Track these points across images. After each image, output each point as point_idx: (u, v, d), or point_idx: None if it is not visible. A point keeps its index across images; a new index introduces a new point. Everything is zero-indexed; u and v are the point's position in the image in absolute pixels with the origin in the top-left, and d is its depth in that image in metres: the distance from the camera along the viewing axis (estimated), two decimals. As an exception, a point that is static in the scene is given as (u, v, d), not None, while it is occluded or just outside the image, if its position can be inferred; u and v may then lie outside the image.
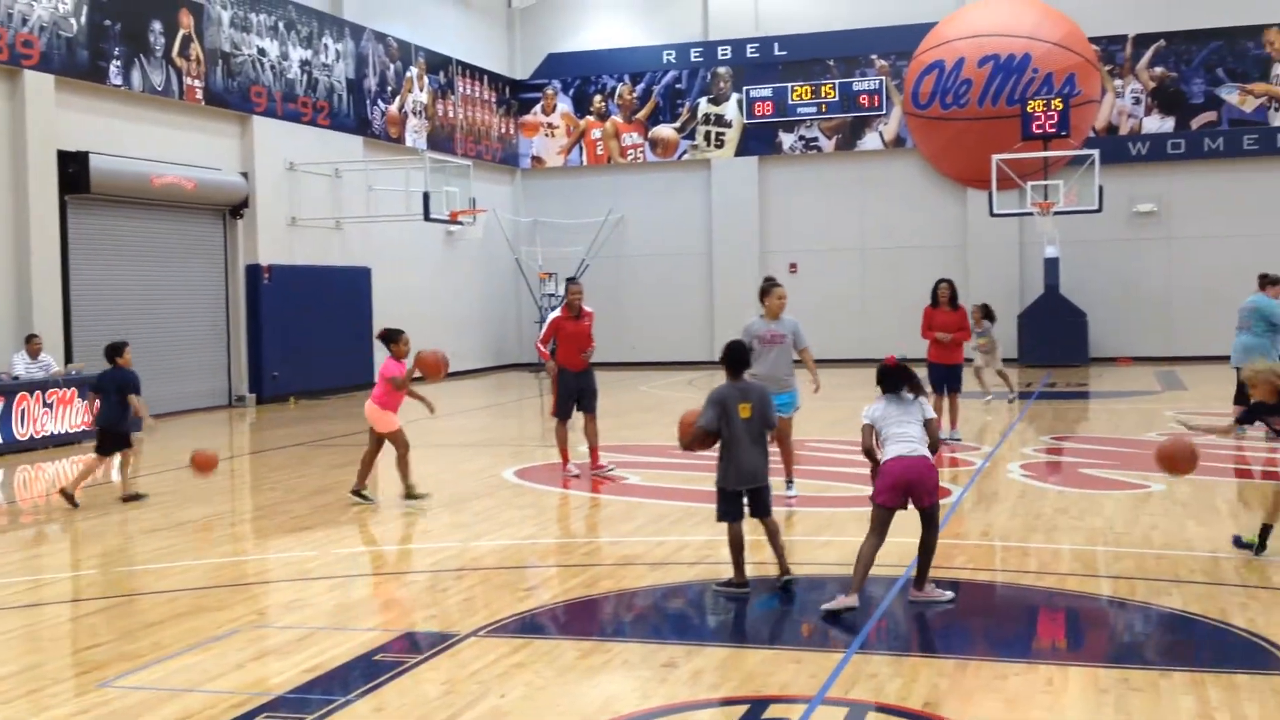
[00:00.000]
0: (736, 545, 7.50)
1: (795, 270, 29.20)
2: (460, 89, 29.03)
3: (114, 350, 11.85)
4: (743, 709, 5.46)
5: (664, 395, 20.36)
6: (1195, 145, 27.47)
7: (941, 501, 10.40)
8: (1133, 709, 5.29)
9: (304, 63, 23.48)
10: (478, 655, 6.32)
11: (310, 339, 23.01)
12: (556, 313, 12.77)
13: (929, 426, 7.24)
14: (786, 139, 29.93)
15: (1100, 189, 24.88)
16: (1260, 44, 27.04)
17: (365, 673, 6.09)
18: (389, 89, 26.22)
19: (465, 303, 29.07)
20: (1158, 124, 27.76)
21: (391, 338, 11.28)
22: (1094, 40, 27.26)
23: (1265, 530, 8.03)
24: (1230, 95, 27.31)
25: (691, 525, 9.60)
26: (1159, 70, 27.71)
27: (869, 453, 7.29)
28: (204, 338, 21.69)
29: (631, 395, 21.31)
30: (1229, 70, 27.32)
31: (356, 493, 11.17)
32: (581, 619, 7.28)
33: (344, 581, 8.28)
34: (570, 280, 13.58)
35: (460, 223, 25.20)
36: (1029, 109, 25.09)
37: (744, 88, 29.93)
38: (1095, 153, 25.18)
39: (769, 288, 10.64)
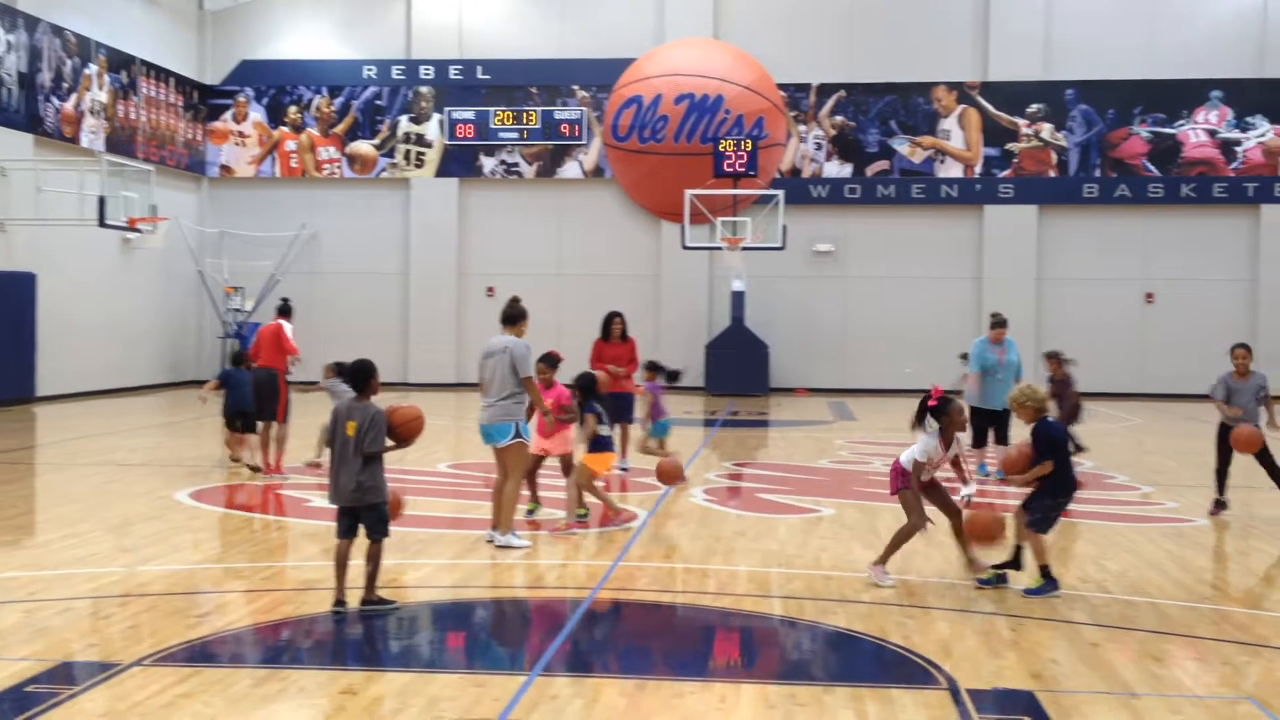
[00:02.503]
0: (336, 561, 7.60)
1: (492, 294, 29.23)
2: (144, 90, 27.60)
3: (238, 359, 14.66)
4: (422, 735, 5.38)
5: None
6: (870, 191, 29.29)
7: (629, 525, 10.66)
8: (799, 723, 5.53)
9: (-32, 50, 21.75)
10: (141, 685, 5.97)
11: (-35, 347, 21.22)
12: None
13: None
14: (488, 162, 30.00)
15: (784, 228, 26.13)
16: (929, 100, 29.14)
17: (15, 705, 5.65)
18: (65, 85, 24.63)
19: (141, 314, 27.55)
20: (837, 169, 29.44)
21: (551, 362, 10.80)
22: (781, 87, 28.67)
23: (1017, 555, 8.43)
24: (902, 146, 29.28)
25: (377, 548, 9.39)
26: (839, 119, 29.41)
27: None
28: None
29: (321, 416, 20.73)
30: (901, 123, 29.29)
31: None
32: (257, 646, 7.00)
33: (-7, 609, 7.65)
34: None
35: (139, 230, 23.90)
36: (721, 148, 26.07)
37: (446, 108, 29.82)
38: (780, 193, 26.44)
39: (526, 311, 10.08)
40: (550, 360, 10.67)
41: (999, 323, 14.14)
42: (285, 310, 14.84)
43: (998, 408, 13.67)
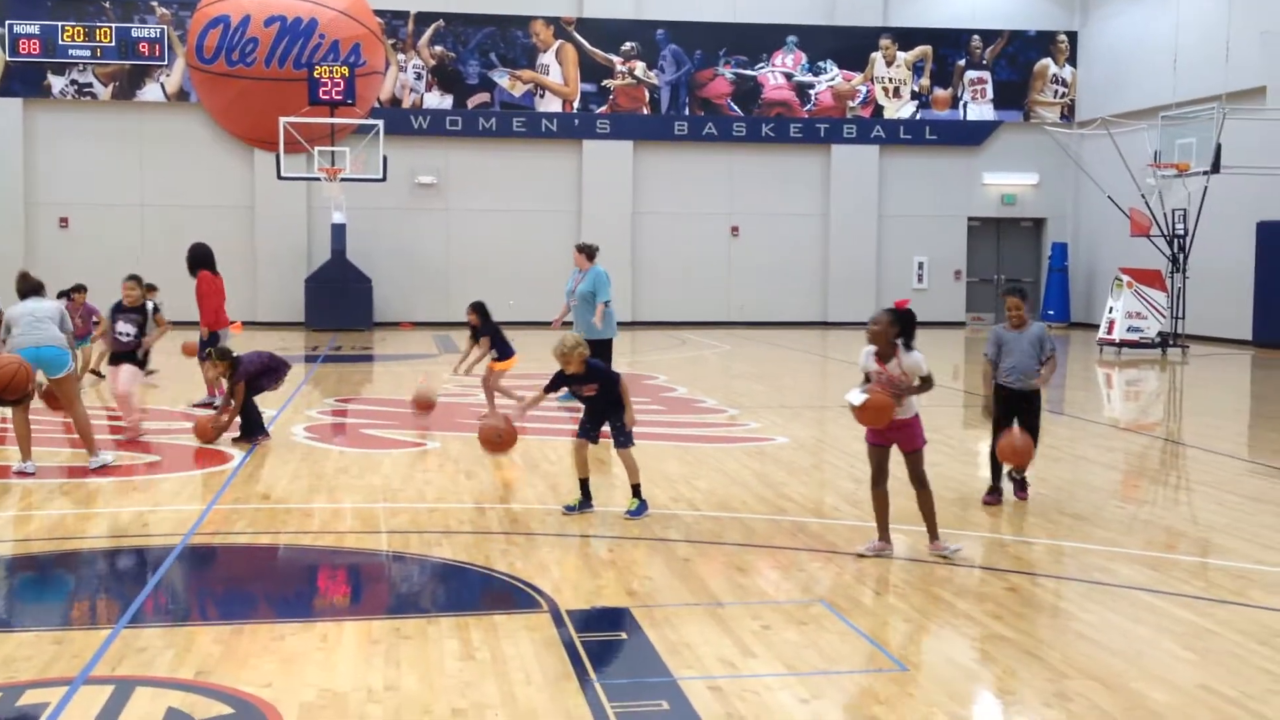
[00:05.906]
0: None
1: (66, 225, 27.10)
2: None
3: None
4: (-8, 702, 4.96)
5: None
6: (471, 123, 29.22)
7: (223, 467, 10.23)
8: (402, 657, 5.52)
9: None
10: None
11: None
12: None
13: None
14: (57, 82, 27.60)
15: (385, 159, 25.67)
16: (529, 34, 29.33)
17: None
18: None
19: None
20: (438, 100, 29.16)
21: None
22: (378, 13, 28.01)
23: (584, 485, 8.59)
24: (502, 79, 29.36)
25: (-65, 504, 8.56)
26: (439, 49, 29.09)
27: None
28: None
29: None
30: (501, 56, 29.34)
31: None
32: None
33: None
34: None
35: None
36: (316, 74, 25.21)
37: (7, 22, 27.12)
38: (380, 123, 25.92)
39: (38, 283, 10.57)
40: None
41: (580, 249, 14.23)
42: None
43: (583, 335, 13.62)
